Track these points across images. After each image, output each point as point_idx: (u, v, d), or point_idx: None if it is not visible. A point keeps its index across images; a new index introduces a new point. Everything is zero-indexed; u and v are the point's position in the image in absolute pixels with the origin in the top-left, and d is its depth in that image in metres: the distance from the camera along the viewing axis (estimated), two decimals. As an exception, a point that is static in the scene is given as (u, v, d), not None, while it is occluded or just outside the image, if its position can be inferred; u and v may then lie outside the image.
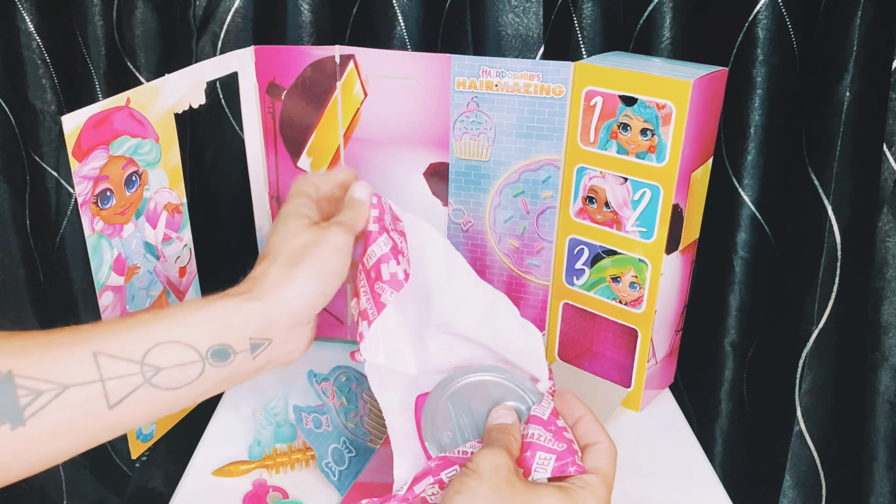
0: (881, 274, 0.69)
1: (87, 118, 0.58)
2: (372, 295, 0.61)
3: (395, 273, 0.60)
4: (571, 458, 0.50)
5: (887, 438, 0.72)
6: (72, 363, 0.44)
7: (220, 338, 0.48)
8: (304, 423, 0.66)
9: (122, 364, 0.45)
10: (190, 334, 0.48)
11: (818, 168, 0.70)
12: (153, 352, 0.46)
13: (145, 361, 0.46)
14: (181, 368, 0.47)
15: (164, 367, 0.47)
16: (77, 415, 0.44)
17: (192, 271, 0.75)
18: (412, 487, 0.52)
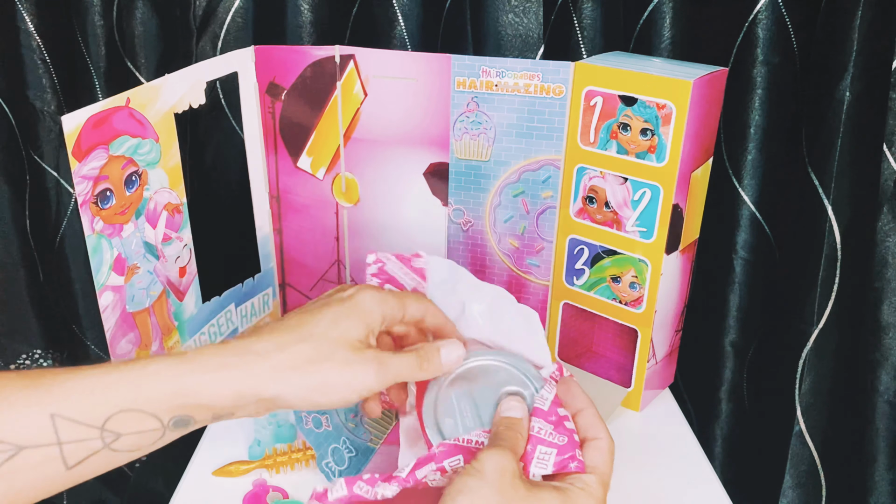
0: (881, 274, 0.69)
1: (87, 118, 0.58)
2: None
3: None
4: (572, 453, 0.50)
5: (887, 438, 0.72)
6: (28, 424, 0.43)
7: (183, 409, 0.47)
8: (304, 424, 0.66)
9: (81, 429, 0.44)
10: (153, 403, 0.46)
11: (818, 168, 0.70)
12: (114, 419, 0.45)
13: (105, 427, 0.45)
14: (141, 435, 0.46)
15: (125, 434, 0.45)
16: (33, 476, 0.44)
17: (192, 271, 0.75)
18: (414, 471, 0.51)
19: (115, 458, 0.46)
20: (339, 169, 0.79)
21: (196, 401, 0.47)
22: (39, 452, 0.43)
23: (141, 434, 0.46)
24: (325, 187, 0.81)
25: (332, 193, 0.81)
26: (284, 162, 0.80)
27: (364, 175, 0.79)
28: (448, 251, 0.80)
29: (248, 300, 0.84)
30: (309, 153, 0.79)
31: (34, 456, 0.43)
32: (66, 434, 0.44)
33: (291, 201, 0.82)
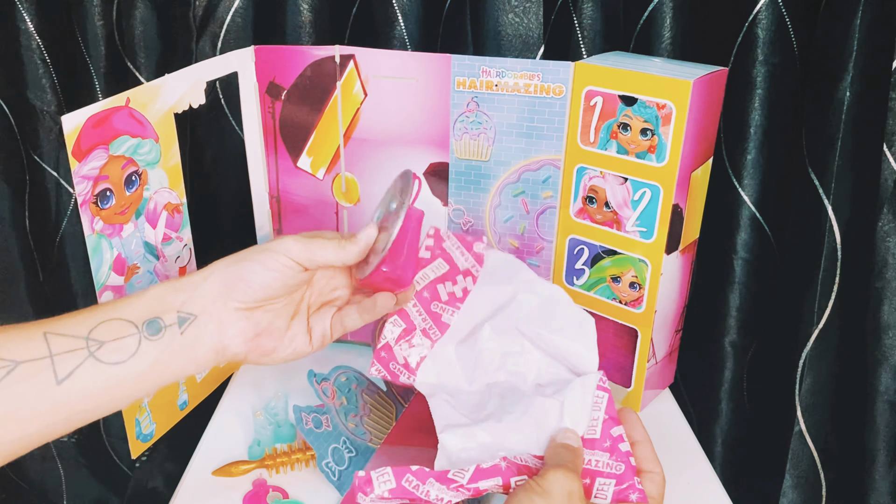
0: (881, 274, 0.69)
1: (87, 118, 0.58)
2: (429, 315, 0.65)
3: (453, 292, 0.65)
4: (631, 482, 0.49)
5: (887, 438, 0.72)
6: (23, 342, 0.48)
7: (153, 312, 0.53)
8: (305, 424, 0.66)
9: (69, 340, 0.49)
10: (130, 311, 0.52)
11: (818, 168, 0.70)
12: (98, 328, 0.51)
13: (90, 337, 0.50)
14: (120, 342, 0.51)
15: (106, 341, 0.50)
16: (27, 390, 0.47)
17: (192, 271, 0.75)
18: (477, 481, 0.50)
19: (100, 370, 0.50)
20: (339, 169, 0.79)
21: (161, 304, 0.53)
22: (33, 366, 0.48)
23: (120, 341, 0.51)
24: (325, 187, 0.81)
25: (332, 193, 0.81)
26: (284, 162, 0.80)
27: (364, 175, 0.79)
28: (448, 251, 0.81)
29: (248, 300, 0.83)
30: (309, 153, 0.79)
31: (28, 369, 0.48)
32: (56, 346, 0.49)
33: (291, 201, 0.82)
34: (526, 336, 0.62)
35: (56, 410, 0.49)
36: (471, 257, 0.66)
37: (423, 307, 0.65)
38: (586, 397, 0.55)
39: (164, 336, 0.53)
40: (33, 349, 0.48)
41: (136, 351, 0.51)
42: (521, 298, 0.63)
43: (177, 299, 0.54)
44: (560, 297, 0.63)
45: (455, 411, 0.59)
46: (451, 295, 0.65)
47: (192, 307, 0.54)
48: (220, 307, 0.55)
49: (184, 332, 0.54)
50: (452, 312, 0.64)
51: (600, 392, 0.55)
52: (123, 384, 0.52)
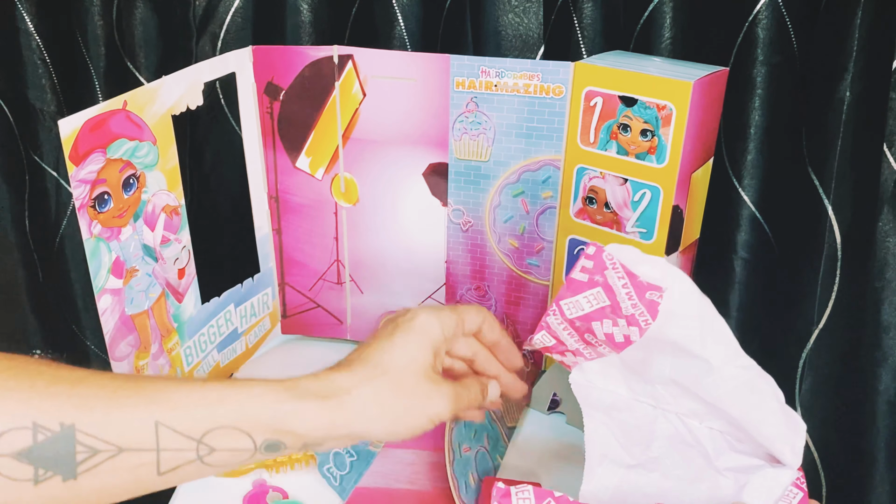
0: (881, 274, 0.69)
1: (84, 122, 0.58)
2: (583, 341, 0.57)
3: (612, 334, 0.54)
4: None
5: (887, 438, 0.72)
6: (133, 428, 0.45)
7: (276, 434, 0.48)
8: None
9: (181, 439, 0.46)
10: (250, 422, 0.48)
11: (818, 168, 0.70)
12: (212, 434, 0.47)
13: (202, 441, 0.46)
14: (233, 453, 0.48)
15: (218, 449, 0.47)
16: (127, 478, 0.45)
17: (191, 273, 0.75)
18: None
19: (203, 470, 0.47)
20: (338, 169, 0.79)
21: (290, 427, 0.48)
22: (138, 456, 0.45)
23: (233, 452, 0.47)
24: (324, 187, 0.80)
25: (331, 193, 0.81)
26: (283, 162, 0.80)
27: (363, 175, 0.79)
28: (448, 251, 0.80)
29: (247, 300, 0.84)
30: (308, 153, 0.79)
31: (132, 459, 0.45)
32: (165, 442, 0.45)
33: (290, 201, 0.82)
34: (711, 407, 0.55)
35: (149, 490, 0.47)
36: (641, 305, 0.53)
37: (577, 333, 0.56)
38: (775, 488, 0.51)
39: (281, 450, 0.49)
40: (141, 438, 0.45)
41: (245, 461, 0.49)
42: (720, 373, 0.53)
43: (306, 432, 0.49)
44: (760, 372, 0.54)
45: (614, 439, 0.54)
46: (610, 337, 0.54)
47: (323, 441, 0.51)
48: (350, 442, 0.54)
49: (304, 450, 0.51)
50: (609, 350, 0.55)
51: (794, 489, 0.51)
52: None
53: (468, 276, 0.81)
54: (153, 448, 0.45)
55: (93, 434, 0.43)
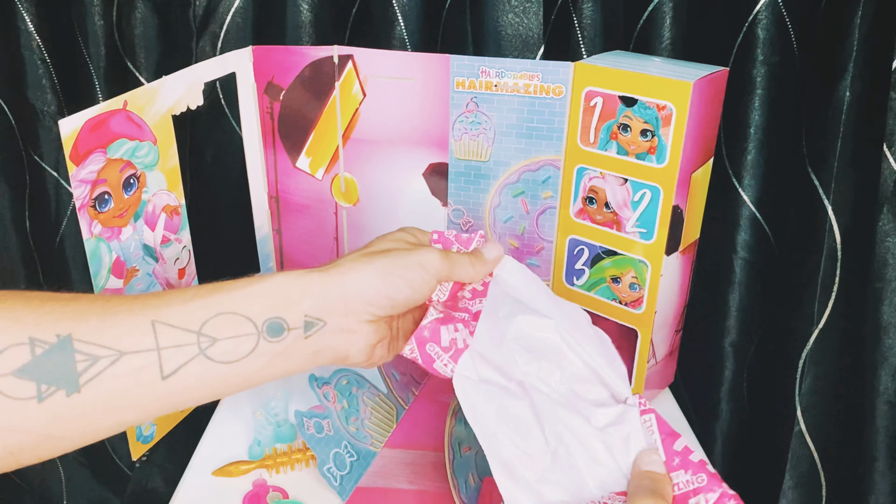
0: (881, 274, 0.69)
1: (85, 122, 0.58)
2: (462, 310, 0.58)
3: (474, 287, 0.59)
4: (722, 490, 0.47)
5: (887, 438, 0.72)
6: (130, 330, 0.44)
7: (276, 310, 0.48)
8: (306, 429, 0.66)
9: (180, 333, 0.45)
10: (248, 306, 0.47)
11: (818, 168, 0.70)
12: (210, 322, 0.46)
13: (202, 332, 0.46)
14: (236, 341, 0.46)
15: (220, 339, 0.46)
16: (131, 384, 0.44)
17: (191, 273, 0.75)
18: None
19: (209, 370, 0.46)
20: (338, 169, 0.79)
21: (290, 299, 0.48)
22: (139, 358, 0.44)
23: (236, 340, 0.46)
24: (325, 187, 0.80)
25: (331, 194, 0.81)
26: (283, 162, 0.80)
27: (363, 175, 0.79)
28: (448, 251, 0.80)
29: (247, 300, 0.84)
30: (308, 153, 0.79)
31: (133, 362, 0.44)
32: (164, 339, 0.45)
33: (290, 202, 0.82)
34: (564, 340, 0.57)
35: (158, 402, 0.45)
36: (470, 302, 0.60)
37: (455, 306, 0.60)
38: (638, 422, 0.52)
39: (285, 339, 0.48)
40: (140, 339, 0.44)
41: (251, 351, 0.47)
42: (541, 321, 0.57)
43: (304, 300, 0.49)
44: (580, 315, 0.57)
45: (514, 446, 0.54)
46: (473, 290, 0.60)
47: (323, 314, 0.49)
48: (353, 319, 0.50)
49: (309, 338, 0.49)
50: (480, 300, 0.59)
51: (645, 415, 0.53)
52: (232, 381, 0.48)
53: (468, 276, 0.81)
54: (153, 348, 0.44)
55: (90, 341, 0.43)
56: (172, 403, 0.46)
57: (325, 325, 0.49)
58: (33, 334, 0.42)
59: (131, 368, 0.44)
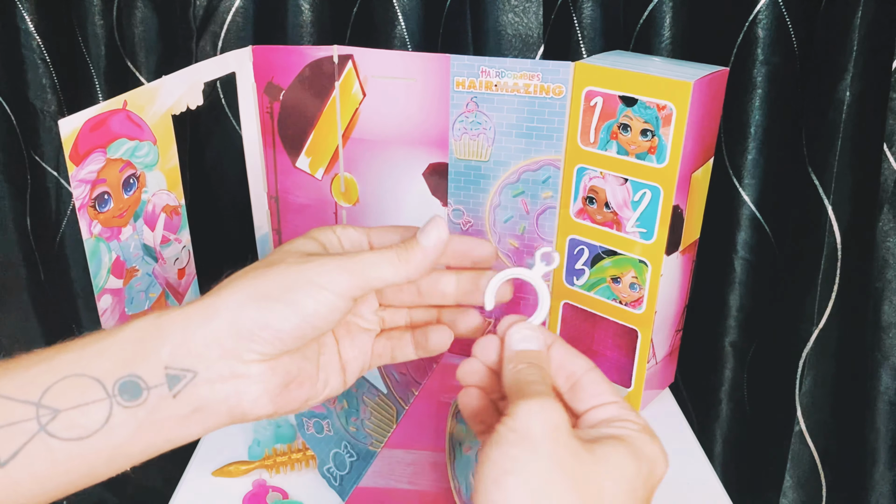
0: (881, 274, 0.69)
1: (84, 121, 0.58)
2: None
3: None
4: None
5: (888, 438, 0.72)
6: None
7: (128, 366, 0.38)
8: (306, 429, 0.66)
9: (16, 407, 0.37)
10: (96, 364, 0.38)
11: (818, 168, 0.70)
12: (53, 389, 0.37)
13: (42, 402, 0.37)
14: (83, 411, 0.37)
15: (63, 409, 0.37)
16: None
17: (191, 272, 0.75)
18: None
19: (55, 451, 0.37)
20: (338, 169, 0.79)
21: (140, 353, 0.38)
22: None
23: (83, 409, 0.37)
24: (324, 187, 0.80)
25: (331, 193, 0.81)
26: (283, 162, 0.80)
27: (363, 175, 0.79)
28: (448, 251, 0.80)
29: (247, 300, 0.84)
30: (308, 153, 0.79)
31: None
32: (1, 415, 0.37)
33: (290, 201, 0.82)
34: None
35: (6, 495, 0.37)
36: None
37: None
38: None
39: (146, 401, 0.38)
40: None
41: (105, 422, 0.38)
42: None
43: (162, 349, 0.39)
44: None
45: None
46: None
47: (188, 361, 0.39)
48: (234, 363, 0.40)
49: (178, 395, 0.39)
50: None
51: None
52: (93, 462, 0.38)
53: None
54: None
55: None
56: (23, 496, 0.38)
57: (195, 375, 0.39)
58: None
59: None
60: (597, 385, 0.43)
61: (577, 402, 0.43)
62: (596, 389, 0.43)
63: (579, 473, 0.36)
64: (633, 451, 0.39)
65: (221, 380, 0.40)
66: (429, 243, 0.44)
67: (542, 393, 0.38)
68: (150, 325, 0.40)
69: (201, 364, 0.39)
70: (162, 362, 0.39)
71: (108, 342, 0.39)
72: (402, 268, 0.43)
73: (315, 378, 0.46)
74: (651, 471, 0.39)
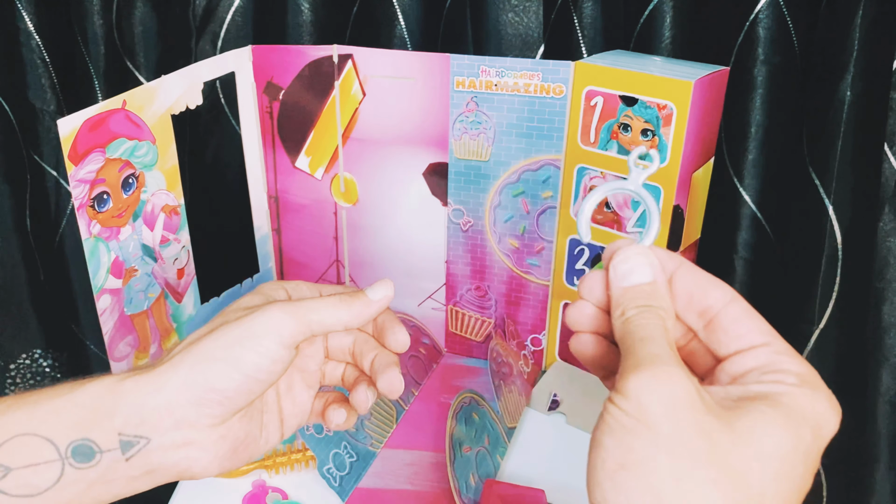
0: (882, 274, 0.69)
1: (83, 121, 0.58)
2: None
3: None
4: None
5: (888, 439, 0.72)
6: None
7: (82, 430, 0.38)
8: (306, 429, 0.66)
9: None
10: (50, 425, 0.38)
11: (819, 168, 0.69)
12: (6, 447, 0.37)
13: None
14: (34, 470, 0.38)
15: (14, 468, 0.37)
16: None
17: (190, 272, 0.75)
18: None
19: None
20: (338, 169, 0.79)
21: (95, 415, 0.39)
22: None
23: (34, 469, 0.38)
24: (324, 187, 0.80)
25: (330, 193, 0.81)
26: (283, 162, 0.80)
27: (363, 175, 0.79)
28: (448, 251, 0.80)
29: (247, 300, 0.83)
30: (307, 153, 0.79)
31: None
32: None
33: (290, 201, 0.82)
34: None
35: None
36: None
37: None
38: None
39: (99, 463, 0.39)
40: None
41: (56, 481, 0.38)
42: None
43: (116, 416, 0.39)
44: None
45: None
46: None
47: (143, 429, 0.40)
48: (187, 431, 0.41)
49: (130, 459, 0.40)
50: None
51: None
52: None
53: (468, 276, 0.81)
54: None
55: None
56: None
57: (149, 442, 0.40)
58: None
59: None
60: (740, 323, 0.34)
61: (717, 345, 0.35)
62: (739, 329, 0.34)
63: (717, 460, 0.29)
64: (789, 415, 0.31)
65: (174, 447, 0.41)
66: (375, 296, 0.45)
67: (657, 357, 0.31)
68: (104, 390, 0.40)
69: (155, 432, 0.40)
70: (115, 429, 0.39)
71: (61, 402, 0.39)
72: (343, 313, 0.43)
73: (258, 438, 0.46)
74: (816, 434, 0.33)
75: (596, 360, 0.39)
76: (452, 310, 0.83)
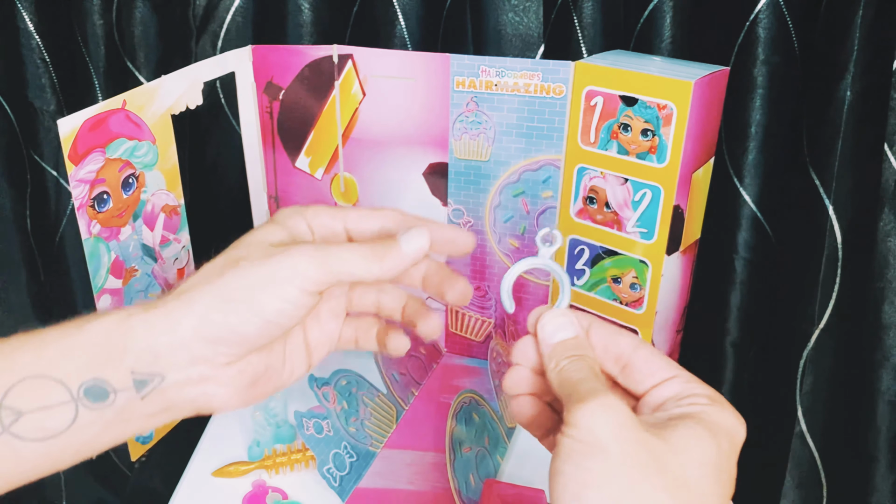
0: (882, 274, 0.69)
1: (83, 121, 0.58)
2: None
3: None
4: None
5: (888, 439, 0.72)
6: None
7: (93, 370, 0.37)
8: (305, 429, 0.66)
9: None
10: (59, 366, 0.37)
11: (819, 168, 0.69)
12: (15, 391, 0.36)
13: (4, 403, 0.36)
14: (47, 413, 0.37)
15: (26, 412, 0.36)
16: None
17: (190, 272, 0.75)
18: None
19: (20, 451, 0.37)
20: (338, 169, 0.79)
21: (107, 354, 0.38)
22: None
23: (46, 411, 0.36)
24: (324, 187, 0.80)
25: (330, 193, 0.81)
26: (283, 162, 0.80)
27: (363, 175, 0.79)
28: (448, 251, 0.80)
29: (247, 300, 0.83)
30: (307, 153, 0.79)
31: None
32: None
33: (290, 201, 0.82)
34: None
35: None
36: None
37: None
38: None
39: (113, 402, 0.38)
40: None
41: (70, 423, 0.37)
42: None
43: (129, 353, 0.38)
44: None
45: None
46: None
47: (157, 367, 0.38)
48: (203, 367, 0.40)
49: (146, 398, 0.39)
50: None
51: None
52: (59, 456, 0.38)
53: (468, 276, 0.81)
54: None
55: None
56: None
57: (163, 379, 0.39)
58: None
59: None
60: (651, 362, 0.40)
61: (634, 385, 0.40)
62: (651, 367, 0.40)
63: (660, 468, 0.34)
64: (709, 427, 0.36)
65: (190, 383, 0.40)
66: (409, 249, 0.42)
67: (595, 391, 0.36)
68: (114, 327, 0.38)
69: (169, 369, 0.39)
70: (128, 367, 0.38)
71: (69, 342, 0.38)
72: (374, 266, 0.41)
73: (281, 370, 0.45)
74: (731, 442, 0.38)
75: (534, 419, 0.44)
76: (452, 310, 0.83)
